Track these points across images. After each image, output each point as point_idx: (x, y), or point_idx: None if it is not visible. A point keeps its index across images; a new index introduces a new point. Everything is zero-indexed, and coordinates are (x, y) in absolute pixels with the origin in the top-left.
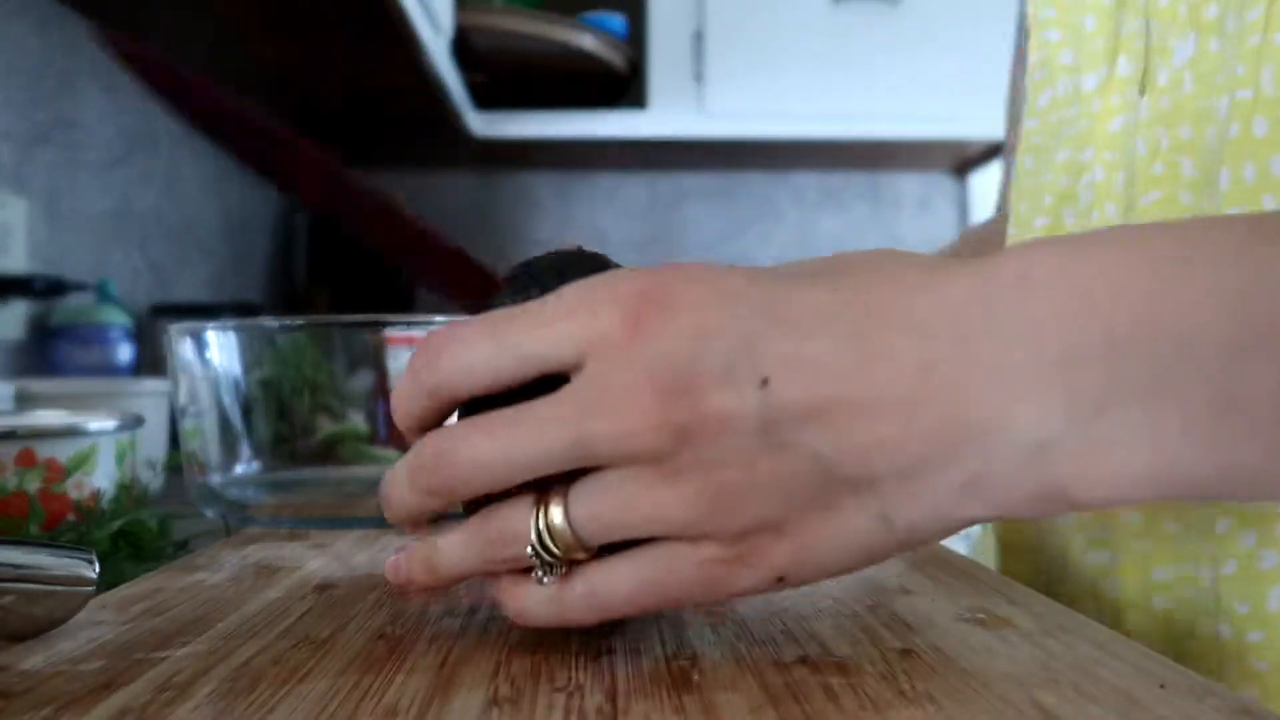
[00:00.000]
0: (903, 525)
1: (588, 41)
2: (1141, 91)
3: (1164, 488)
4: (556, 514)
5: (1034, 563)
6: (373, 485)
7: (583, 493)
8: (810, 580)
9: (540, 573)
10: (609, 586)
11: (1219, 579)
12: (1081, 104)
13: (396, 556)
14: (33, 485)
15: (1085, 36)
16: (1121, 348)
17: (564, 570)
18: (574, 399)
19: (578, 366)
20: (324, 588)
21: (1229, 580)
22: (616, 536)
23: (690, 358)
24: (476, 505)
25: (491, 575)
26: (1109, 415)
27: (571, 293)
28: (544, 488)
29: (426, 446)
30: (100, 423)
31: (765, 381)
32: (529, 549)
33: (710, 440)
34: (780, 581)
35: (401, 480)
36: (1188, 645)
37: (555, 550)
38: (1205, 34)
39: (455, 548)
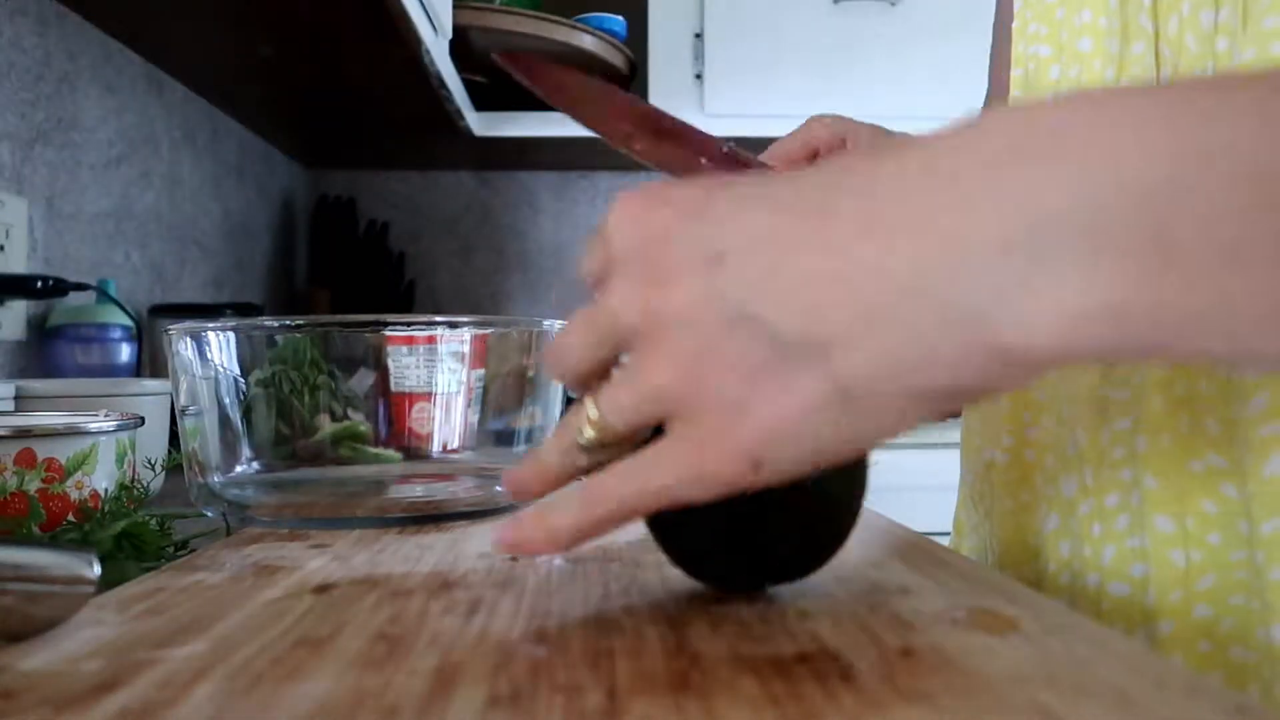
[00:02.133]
0: (861, 394)
1: (588, 42)
2: None
3: (1095, 329)
4: (590, 404)
5: (1034, 570)
6: (373, 485)
7: (605, 386)
8: (788, 467)
9: (586, 447)
10: (600, 485)
11: (1267, 584)
12: None
13: (504, 530)
14: (33, 485)
15: (1080, 57)
16: (1057, 195)
17: (603, 455)
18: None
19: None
20: (324, 588)
21: None
22: (625, 418)
23: (657, 259)
24: None
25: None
26: (1042, 256)
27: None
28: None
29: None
30: (100, 423)
31: (719, 258)
32: (580, 433)
33: (680, 323)
34: (758, 467)
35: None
36: (1235, 654)
37: (590, 434)
38: (1221, 63)
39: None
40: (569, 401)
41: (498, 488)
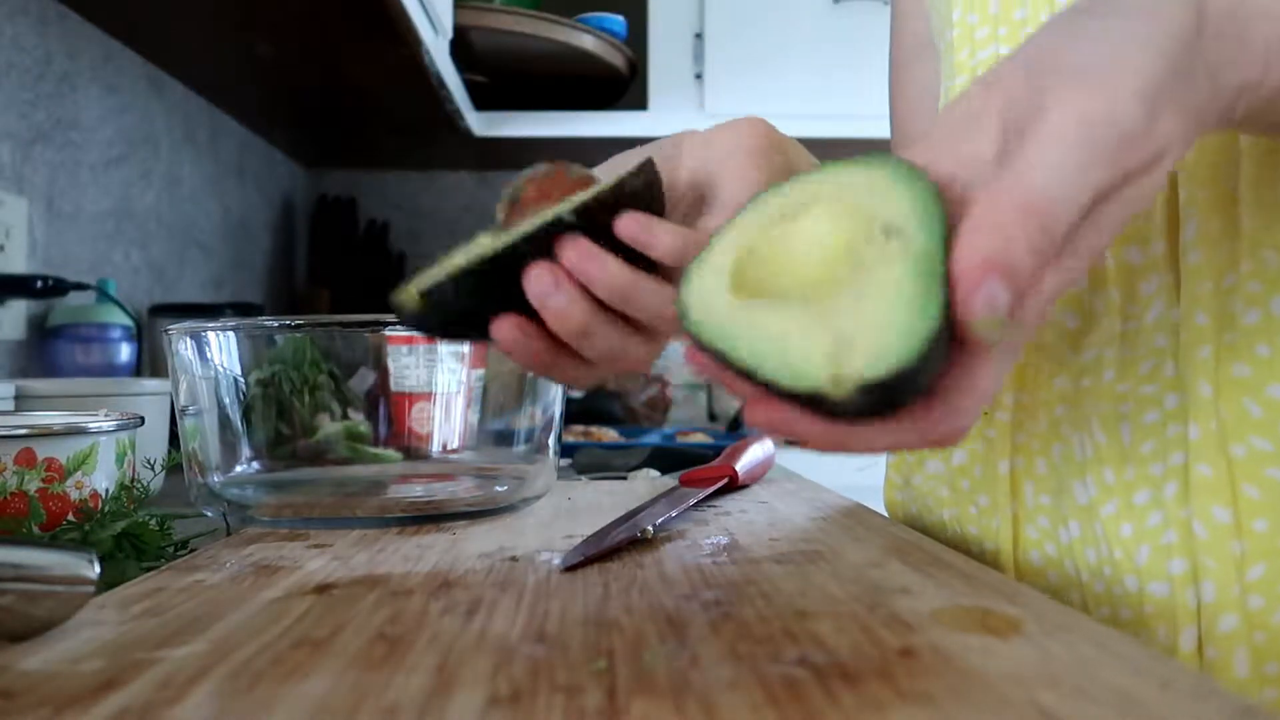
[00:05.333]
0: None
1: (588, 42)
2: None
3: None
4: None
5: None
6: (373, 485)
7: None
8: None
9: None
10: None
11: None
12: None
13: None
14: (33, 485)
15: None
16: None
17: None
18: None
19: None
20: (324, 588)
21: None
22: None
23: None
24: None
25: None
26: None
27: None
28: None
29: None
30: (100, 423)
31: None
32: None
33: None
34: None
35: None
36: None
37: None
38: None
39: None
40: (569, 401)
41: (498, 487)
